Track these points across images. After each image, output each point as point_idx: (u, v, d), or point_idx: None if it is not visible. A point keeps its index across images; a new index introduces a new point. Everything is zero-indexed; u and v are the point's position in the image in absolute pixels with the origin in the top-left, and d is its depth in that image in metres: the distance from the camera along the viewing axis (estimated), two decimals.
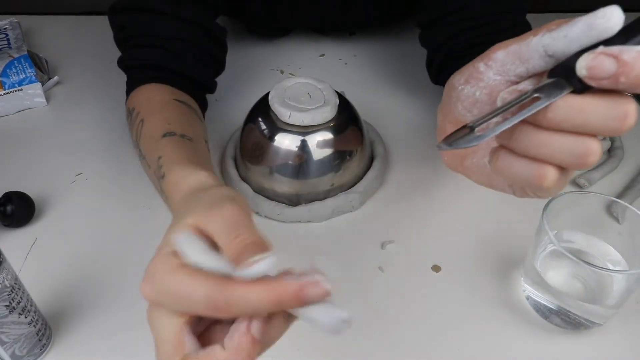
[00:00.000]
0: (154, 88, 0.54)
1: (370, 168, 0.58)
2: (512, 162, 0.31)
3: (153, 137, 0.47)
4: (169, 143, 0.45)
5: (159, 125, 0.47)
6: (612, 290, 0.43)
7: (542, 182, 0.30)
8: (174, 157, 0.42)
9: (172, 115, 0.50)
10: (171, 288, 0.28)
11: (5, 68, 0.68)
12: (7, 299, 0.38)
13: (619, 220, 0.45)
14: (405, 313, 0.46)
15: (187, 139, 0.46)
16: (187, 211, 0.32)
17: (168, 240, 0.30)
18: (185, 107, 0.53)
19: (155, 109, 0.51)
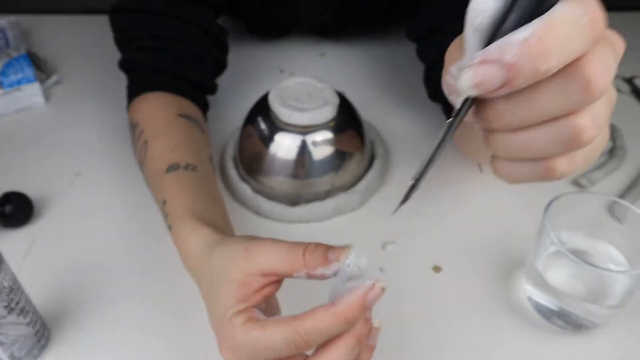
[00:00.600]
0: (157, 100, 0.54)
1: (371, 168, 0.57)
2: (512, 168, 0.28)
3: (157, 170, 0.47)
4: (173, 184, 0.45)
5: (163, 154, 0.48)
6: (613, 290, 0.43)
7: (553, 174, 0.26)
8: (178, 209, 0.43)
9: (176, 140, 0.49)
10: (251, 345, 0.30)
11: (4, 67, 0.68)
12: (5, 299, 0.38)
13: (620, 220, 0.45)
14: (406, 313, 0.46)
15: (191, 170, 0.46)
16: (222, 270, 0.34)
17: (221, 304, 0.33)
18: (189, 124, 0.52)
19: (159, 129, 0.51)
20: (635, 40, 0.84)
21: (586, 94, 0.23)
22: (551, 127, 0.24)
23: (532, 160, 0.26)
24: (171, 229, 0.43)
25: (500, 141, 0.26)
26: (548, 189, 0.57)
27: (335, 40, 0.81)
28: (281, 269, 0.32)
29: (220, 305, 0.33)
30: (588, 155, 0.26)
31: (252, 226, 0.54)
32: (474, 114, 0.26)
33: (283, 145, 0.52)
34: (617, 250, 0.46)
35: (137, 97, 0.55)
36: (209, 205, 0.44)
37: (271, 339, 0.30)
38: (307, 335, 0.29)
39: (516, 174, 0.27)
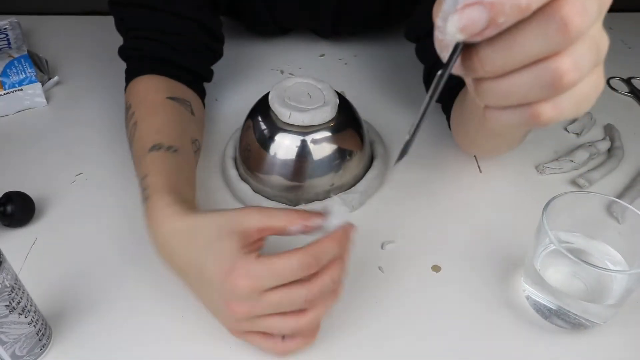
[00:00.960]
0: (150, 83, 0.56)
1: (370, 168, 0.58)
2: (500, 116, 0.28)
3: (142, 148, 0.49)
4: (154, 160, 0.48)
5: (148, 135, 0.50)
6: (612, 290, 0.43)
7: (539, 120, 0.27)
8: (158, 183, 0.45)
9: (162, 122, 0.52)
10: (268, 271, 0.36)
11: (5, 68, 0.68)
12: (7, 299, 0.38)
13: (618, 220, 0.45)
14: (405, 313, 0.46)
15: (172, 151, 0.49)
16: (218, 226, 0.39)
17: (224, 252, 0.38)
18: (177, 106, 0.55)
19: (148, 111, 0.53)
20: (633, 41, 0.85)
21: (563, 34, 0.23)
22: (532, 71, 0.25)
23: (518, 107, 0.27)
24: (148, 199, 0.44)
25: (487, 89, 0.27)
26: (547, 188, 0.58)
27: (335, 40, 0.81)
28: (277, 224, 0.39)
29: (225, 253, 0.37)
30: (576, 101, 0.26)
31: None
32: (462, 64, 0.27)
33: (283, 145, 0.52)
34: (615, 250, 0.46)
35: (133, 81, 0.57)
36: (185, 187, 0.47)
37: (289, 263, 0.36)
38: (317, 257, 0.36)
39: (505, 120, 0.28)
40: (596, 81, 0.27)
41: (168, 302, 0.47)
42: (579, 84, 0.25)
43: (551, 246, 0.45)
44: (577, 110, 0.27)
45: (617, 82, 0.74)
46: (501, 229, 0.54)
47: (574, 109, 0.27)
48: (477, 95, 0.28)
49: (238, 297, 0.37)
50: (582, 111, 0.28)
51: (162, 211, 0.43)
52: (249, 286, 0.36)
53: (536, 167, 0.60)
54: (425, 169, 0.60)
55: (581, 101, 0.27)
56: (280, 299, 0.37)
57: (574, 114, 0.27)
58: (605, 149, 0.62)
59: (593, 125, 0.66)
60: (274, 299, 0.37)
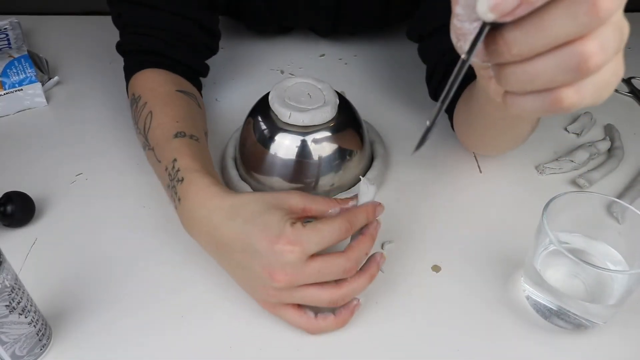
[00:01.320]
0: (155, 76, 0.57)
1: (370, 168, 0.58)
2: (521, 102, 0.28)
3: (165, 134, 0.50)
4: (181, 146, 0.48)
5: (169, 123, 0.51)
6: (612, 290, 0.43)
7: (561, 105, 0.27)
8: (193, 164, 0.46)
9: (179, 112, 0.53)
10: (316, 234, 0.39)
11: (6, 68, 0.68)
12: (7, 299, 0.38)
13: (619, 220, 0.45)
14: (405, 313, 0.46)
15: (195, 140, 0.50)
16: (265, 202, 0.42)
17: (270, 222, 0.40)
18: (188, 99, 0.56)
19: (163, 101, 0.54)
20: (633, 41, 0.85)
21: (593, 14, 0.23)
22: (559, 54, 0.25)
23: (541, 92, 0.27)
24: (183, 181, 0.45)
25: (511, 74, 0.27)
26: (547, 189, 0.58)
27: (336, 40, 0.81)
28: (319, 207, 0.43)
29: (273, 223, 0.40)
30: (598, 88, 0.26)
31: None
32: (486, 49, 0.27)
33: (283, 145, 0.52)
34: (615, 250, 0.46)
35: (136, 74, 0.58)
36: (214, 172, 0.48)
37: (332, 227, 0.40)
38: (352, 222, 0.41)
39: (527, 106, 0.28)
40: (616, 68, 0.27)
41: (168, 302, 0.47)
42: (602, 70, 0.26)
43: (551, 246, 0.45)
44: (598, 97, 0.27)
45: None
46: (501, 229, 0.54)
47: (596, 95, 0.27)
48: (500, 80, 0.28)
49: (283, 265, 0.39)
50: (602, 98, 0.28)
51: (203, 191, 0.44)
52: (297, 251, 0.39)
53: (536, 167, 0.60)
54: (426, 169, 0.60)
55: (602, 88, 0.27)
56: (321, 266, 0.40)
57: (595, 101, 0.27)
58: (605, 149, 0.62)
59: (593, 125, 0.66)
60: (316, 266, 0.40)
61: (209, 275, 0.49)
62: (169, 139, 0.49)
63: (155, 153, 0.50)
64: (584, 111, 0.67)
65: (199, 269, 0.49)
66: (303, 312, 0.43)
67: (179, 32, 0.59)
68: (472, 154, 0.62)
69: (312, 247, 0.39)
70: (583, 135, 0.65)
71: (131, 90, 0.58)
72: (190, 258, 0.50)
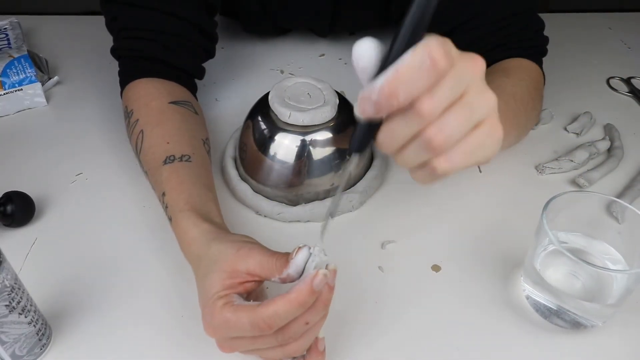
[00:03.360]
0: (149, 87, 0.57)
1: (370, 168, 0.58)
2: (416, 175, 0.34)
3: (154, 161, 0.51)
4: (170, 175, 0.49)
5: (159, 145, 0.51)
6: (611, 289, 0.43)
7: (436, 174, 0.33)
8: (178, 202, 0.47)
9: (170, 130, 0.53)
10: (224, 324, 0.37)
11: (6, 68, 0.68)
12: (7, 298, 0.38)
13: (618, 219, 0.45)
14: (405, 313, 0.47)
15: (186, 161, 0.50)
16: (216, 261, 0.40)
17: (209, 287, 0.39)
18: (182, 110, 0.56)
19: (154, 119, 0.54)
20: (633, 41, 0.85)
21: (419, 120, 0.30)
22: (413, 144, 0.32)
23: (422, 166, 0.33)
24: (171, 220, 0.47)
25: (397, 158, 0.34)
26: (547, 188, 0.58)
27: (335, 40, 0.81)
28: (261, 274, 0.39)
29: (209, 288, 0.39)
30: (468, 151, 0.32)
31: (252, 226, 0.54)
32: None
33: (283, 145, 0.52)
34: (615, 249, 0.46)
35: (130, 84, 0.58)
36: (204, 197, 0.48)
37: (240, 321, 0.36)
38: (269, 319, 0.35)
39: (421, 178, 0.34)
40: (490, 131, 0.32)
41: (168, 302, 0.47)
42: (466, 138, 0.31)
43: (551, 246, 0.45)
44: (473, 158, 0.33)
45: (617, 82, 0.74)
46: (501, 229, 0.54)
47: (467, 158, 0.32)
48: (397, 161, 0.34)
49: (209, 323, 0.39)
50: (481, 158, 0.33)
51: (185, 235, 0.45)
52: (210, 333, 0.39)
53: (536, 167, 0.60)
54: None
55: (474, 150, 0.32)
56: (247, 345, 0.38)
57: (471, 162, 0.33)
58: (605, 149, 0.62)
59: (593, 125, 0.66)
60: (242, 344, 0.39)
61: None
62: (159, 166, 0.50)
63: (149, 178, 0.52)
64: (584, 111, 0.67)
65: None
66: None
67: (176, 34, 0.58)
68: None
69: (224, 333, 0.38)
70: (583, 135, 0.65)
71: (124, 103, 0.58)
72: None
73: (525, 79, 0.56)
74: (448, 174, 0.32)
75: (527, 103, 0.55)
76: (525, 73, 0.57)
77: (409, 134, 0.31)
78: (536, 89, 0.58)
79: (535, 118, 0.61)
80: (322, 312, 0.37)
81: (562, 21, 0.61)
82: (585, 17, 0.89)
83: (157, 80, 0.57)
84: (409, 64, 0.28)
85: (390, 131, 0.32)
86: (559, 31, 0.62)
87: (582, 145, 0.62)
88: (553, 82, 0.65)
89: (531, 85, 0.57)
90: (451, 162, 0.32)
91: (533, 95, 0.57)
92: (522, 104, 0.54)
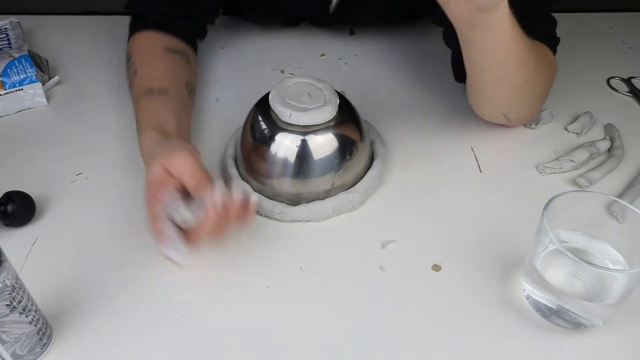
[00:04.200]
0: (150, 37, 0.65)
1: (371, 168, 0.58)
2: None
3: (137, 94, 0.59)
4: (146, 105, 0.58)
5: (144, 81, 0.60)
6: (612, 289, 0.43)
7: None
8: (144, 122, 0.56)
9: (157, 69, 0.61)
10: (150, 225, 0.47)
11: (6, 68, 0.68)
12: (7, 298, 0.38)
13: (619, 219, 0.45)
14: (406, 312, 0.47)
15: (163, 94, 0.58)
16: (156, 155, 0.49)
17: (147, 176, 0.48)
18: (173, 56, 0.64)
19: (146, 61, 0.63)
20: (633, 41, 0.85)
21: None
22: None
23: None
24: (138, 133, 0.56)
25: None
26: (547, 188, 0.58)
27: (336, 39, 0.81)
28: (189, 181, 0.47)
29: (150, 171, 0.48)
30: None
31: (253, 225, 0.54)
32: None
33: (283, 145, 0.52)
34: (615, 249, 0.46)
35: (135, 34, 0.66)
36: (167, 119, 0.56)
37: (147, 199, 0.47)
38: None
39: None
40: None
41: (168, 301, 0.47)
42: None
43: (551, 246, 0.45)
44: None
45: (617, 82, 0.74)
46: (501, 229, 0.54)
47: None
48: None
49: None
50: None
51: (144, 141, 0.53)
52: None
53: (536, 167, 0.60)
54: (425, 169, 0.60)
55: None
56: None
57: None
58: (606, 149, 0.62)
59: (593, 125, 0.66)
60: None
61: (209, 274, 0.49)
62: (140, 96, 0.58)
63: (133, 106, 0.61)
64: (584, 111, 0.67)
65: (199, 269, 0.49)
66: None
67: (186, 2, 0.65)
68: (472, 154, 0.62)
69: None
70: (583, 134, 0.65)
71: (128, 51, 0.66)
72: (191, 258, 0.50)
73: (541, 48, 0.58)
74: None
75: (538, 58, 0.57)
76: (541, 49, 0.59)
77: None
78: (549, 62, 0.59)
79: (539, 79, 0.59)
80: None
81: (562, 21, 0.61)
82: (585, 17, 0.89)
83: (158, 33, 0.64)
84: None
85: None
86: (560, 31, 0.62)
87: (582, 145, 0.62)
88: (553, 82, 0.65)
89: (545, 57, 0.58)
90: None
91: (544, 65, 0.58)
92: (534, 52, 0.55)
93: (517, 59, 0.54)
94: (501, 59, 0.53)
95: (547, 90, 0.61)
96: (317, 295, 0.48)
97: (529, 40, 0.54)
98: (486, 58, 0.53)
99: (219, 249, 0.51)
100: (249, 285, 0.48)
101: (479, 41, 0.51)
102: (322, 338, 0.44)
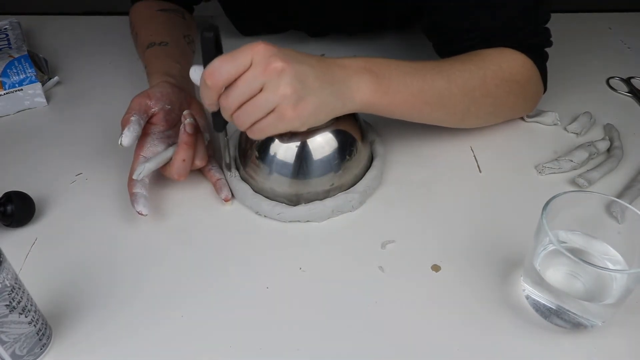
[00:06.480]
0: (145, 5, 0.72)
1: (370, 168, 0.58)
2: (252, 131, 0.48)
3: (142, 47, 0.66)
4: (150, 55, 0.64)
5: (146, 37, 0.67)
6: (611, 289, 0.43)
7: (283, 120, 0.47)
8: (152, 68, 0.62)
9: (155, 26, 0.69)
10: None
11: (6, 68, 0.68)
12: (7, 298, 0.38)
13: (618, 220, 0.45)
14: (405, 312, 0.47)
15: (164, 45, 0.65)
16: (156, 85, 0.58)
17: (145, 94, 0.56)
18: (168, 14, 0.71)
19: (143, 22, 0.70)
20: (633, 41, 0.85)
21: (224, 111, 0.48)
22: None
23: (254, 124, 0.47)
24: (148, 77, 0.62)
25: (234, 119, 0.47)
26: (547, 188, 0.58)
27: (335, 40, 0.81)
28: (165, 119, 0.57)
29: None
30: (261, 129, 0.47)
31: (252, 226, 0.54)
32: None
33: (283, 146, 0.52)
34: (614, 249, 0.46)
35: (134, 5, 0.73)
36: (169, 66, 0.62)
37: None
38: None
39: (258, 132, 0.48)
40: (278, 115, 0.46)
41: (168, 302, 0.47)
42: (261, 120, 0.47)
43: (551, 246, 0.45)
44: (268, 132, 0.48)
45: (617, 82, 0.74)
46: (501, 229, 0.54)
47: (262, 133, 0.48)
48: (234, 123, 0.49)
49: None
50: (275, 131, 0.48)
51: (151, 81, 0.60)
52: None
53: (536, 167, 0.60)
54: (425, 169, 0.60)
55: (265, 128, 0.47)
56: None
57: (267, 134, 0.48)
58: (605, 149, 0.62)
59: (592, 125, 0.66)
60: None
61: (209, 275, 0.49)
62: (144, 50, 0.65)
63: (142, 62, 0.67)
64: (584, 111, 0.67)
65: (199, 269, 0.49)
66: None
67: None
68: (472, 154, 0.62)
69: None
70: (582, 135, 0.65)
71: (130, 19, 0.73)
72: (190, 258, 0.50)
73: (490, 68, 0.56)
74: (259, 138, 0.49)
75: (473, 89, 0.56)
76: (496, 62, 0.57)
77: (227, 116, 0.48)
78: (503, 79, 0.57)
79: (490, 106, 0.59)
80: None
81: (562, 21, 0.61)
82: (585, 17, 0.89)
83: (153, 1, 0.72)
84: (210, 65, 0.47)
85: (222, 113, 0.48)
86: (559, 31, 0.62)
87: (582, 145, 0.62)
88: (553, 82, 0.65)
89: (497, 74, 0.57)
90: (252, 134, 0.48)
91: (491, 84, 0.57)
92: (463, 89, 0.55)
93: (431, 100, 0.54)
94: (413, 110, 0.55)
95: (505, 89, 0.59)
96: (317, 295, 0.48)
97: (464, 88, 0.55)
98: (400, 114, 0.55)
99: (218, 248, 0.51)
100: (248, 285, 0.48)
101: (378, 112, 0.54)
102: (321, 338, 0.44)
